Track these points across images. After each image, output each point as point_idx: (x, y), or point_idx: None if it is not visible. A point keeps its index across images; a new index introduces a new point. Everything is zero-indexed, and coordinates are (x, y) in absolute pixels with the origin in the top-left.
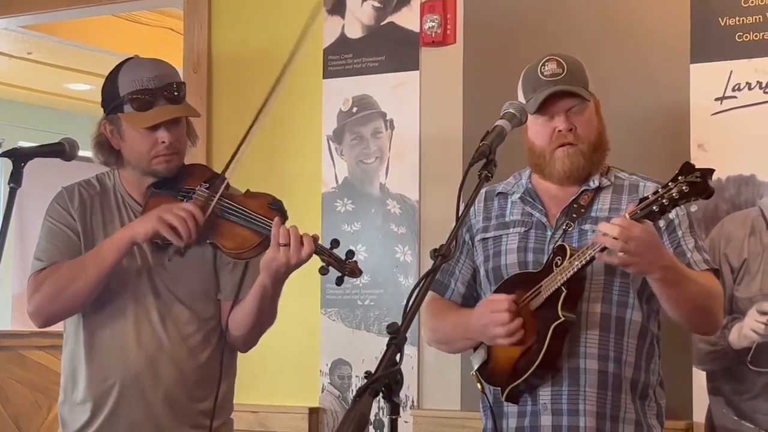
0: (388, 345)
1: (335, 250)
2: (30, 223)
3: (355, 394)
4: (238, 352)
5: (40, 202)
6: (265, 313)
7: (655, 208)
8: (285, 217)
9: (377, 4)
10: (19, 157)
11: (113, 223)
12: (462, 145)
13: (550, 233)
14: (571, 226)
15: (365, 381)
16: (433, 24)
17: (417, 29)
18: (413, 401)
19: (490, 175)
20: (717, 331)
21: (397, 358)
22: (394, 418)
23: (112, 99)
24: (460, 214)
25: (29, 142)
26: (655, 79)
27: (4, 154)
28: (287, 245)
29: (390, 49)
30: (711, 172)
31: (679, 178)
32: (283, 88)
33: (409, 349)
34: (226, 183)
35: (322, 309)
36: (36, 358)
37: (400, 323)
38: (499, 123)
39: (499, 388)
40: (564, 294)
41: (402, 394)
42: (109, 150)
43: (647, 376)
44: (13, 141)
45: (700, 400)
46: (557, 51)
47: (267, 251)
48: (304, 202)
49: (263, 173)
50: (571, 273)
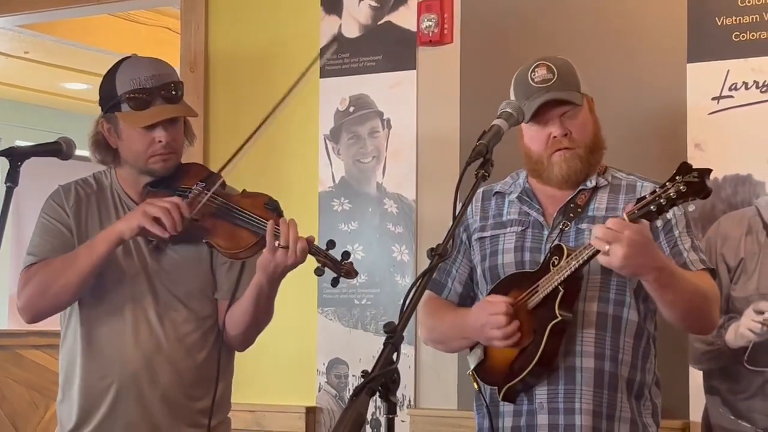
0: (384, 344)
1: (331, 251)
2: (27, 222)
3: (351, 393)
4: (236, 351)
5: (36, 202)
6: (261, 312)
7: (652, 207)
8: (281, 217)
9: (374, 4)
10: (15, 156)
11: (109, 222)
12: (459, 144)
13: (547, 232)
14: (567, 225)
15: (362, 380)
16: (430, 23)
17: (414, 29)
18: (410, 400)
19: (487, 174)
20: (713, 331)
21: (394, 357)
22: (391, 417)
23: (109, 98)
24: (457, 213)
25: (26, 142)
26: (652, 79)
27: (1, 154)
28: (284, 246)
29: (387, 48)
30: (708, 172)
31: (676, 178)
32: (280, 87)
33: (406, 349)
34: (222, 181)
35: (319, 308)
36: (33, 357)
37: (396, 322)
38: (496, 122)
39: (496, 388)
40: (561, 293)
41: (399, 394)
42: (106, 149)
43: (643, 375)
44: (10, 140)
45: (696, 400)
46: (554, 50)
47: (263, 252)
48: (301, 201)
49: (260, 172)
50: (569, 273)
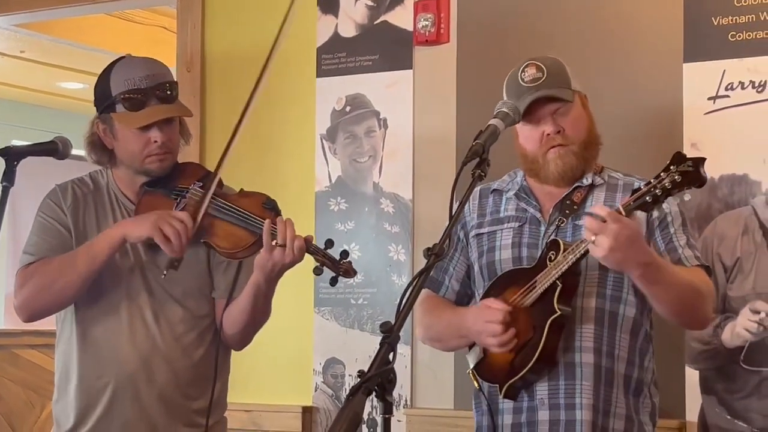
0: (381, 344)
1: (329, 251)
2: (23, 222)
3: (348, 393)
4: (232, 351)
5: (32, 201)
6: (259, 311)
7: (648, 198)
8: (279, 216)
9: (371, 3)
10: (11, 155)
11: (106, 221)
12: (455, 144)
13: (544, 228)
14: (563, 221)
15: (358, 380)
16: (427, 23)
17: (410, 28)
18: (406, 400)
19: (483, 174)
20: (706, 326)
21: (390, 356)
22: (387, 417)
23: (104, 98)
24: (454, 213)
25: (22, 141)
26: (649, 79)
27: None
28: (281, 245)
29: (383, 48)
30: (702, 160)
31: (671, 167)
32: (277, 86)
33: (403, 348)
34: (219, 180)
35: (315, 308)
36: (29, 357)
37: (393, 322)
38: (493, 122)
39: (497, 386)
40: (559, 288)
41: (395, 393)
42: (102, 149)
43: (641, 372)
44: (6, 140)
45: (692, 399)
46: (551, 51)
47: (261, 251)
48: (297, 201)
49: (256, 172)
50: (566, 267)
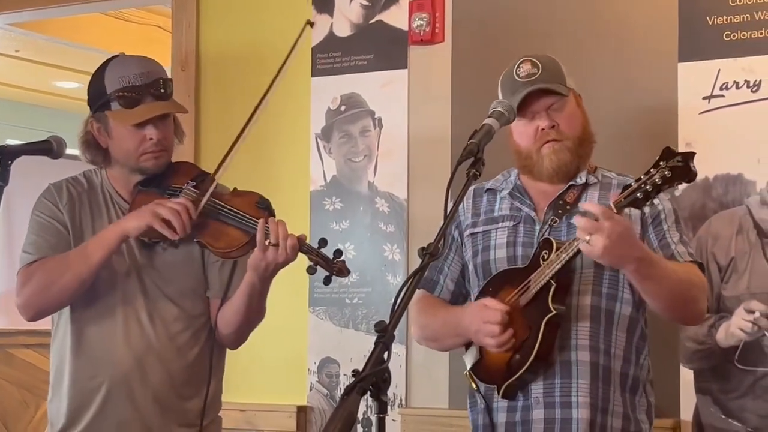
0: (375, 343)
1: (323, 250)
2: (17, 221)
3: (342, 392)
4: (227, 350)
5: (27, 200)
6: (253, 311)
7: (639, 195)
8: (272, 215)
9: (366, 3)
10: (6, 154)
11: (101, 220)
12: (450, 143)
13: (538, 227)
14: (556, 221)
15: (353, 379)
16: (422, 22)
17: (405, 27)
18: (401, 400)
19: (478, 173)
20: (699, 321)
21: (385, 356)
22: (382, 416)
23: (98, 97)
24: (449, 212)
25: (17, 141)
26: (643, 78)
27: None
28: (275, 245)
29: (378, 47)
30: (692, 155)
31: (660, 163)
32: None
33: (398, 348)
34: (213, 179)
35: (310, 307)
36: (23, 356)
37: (387, 322)
38: (487, 121)
39: (494, 386)
40: (554, 287)
41: (390, 393)
42: (96, 148)
43: (637, 370)
44: (1, 139)
45: (687, 399)
46: (546, 50)
47: (254, 251)
48: (292, 200)
49: (251, 171)
50: (559, 266)
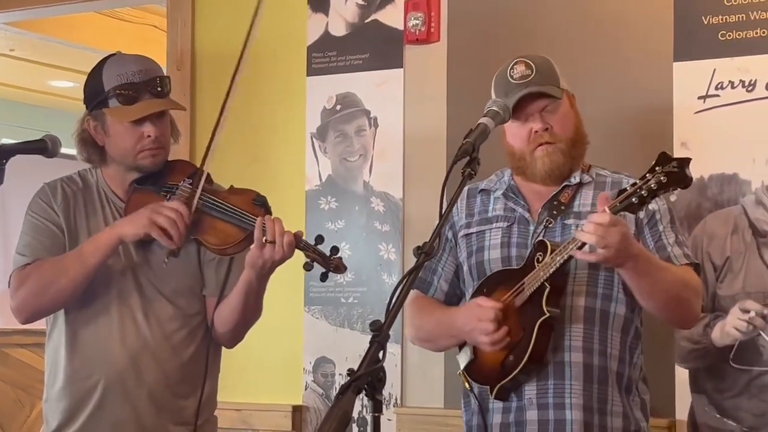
0: (371, 342)
1: (320, 246)
2: (12, 220)
3: (337, 391)
4: (222, 350)
5: (22, 199)
6: (250, 309)
7: (634, 200)
8: (269, 213)
9: (361, 2)
10: (0, 154)
11: (96, 219)
12: (446, 142)
13: (533, 228)
14: (551, 222)
15: (348, 378)
16: (417, 22)
17: (401, 27)
18: (396, 399)
19: (473, 172)
20: (694, 324)
21: (380, 355)
22: (377, 415)
23: (96, 94)
24: (444, 211)
25: (12, 140)
26: (639, 78)
27: None
28: (272, 242)
29: (374, 46)
30: (688, 161)
31: (656, 168)
32: (267, 85)
33: (393, 347)
34: (207, 176)
35: (305, 307)
36: (18, 356)
37: (383, 321)
38: (483, 121)
39: (487, 387)
40: (548, 290)
41: (385, 392)
42: (92, 146)
43: (631, 370)
44: None
45: (682, 398)
46: (541, 49)
47: (252, 248)
48: (287, 199)
49: (246, 170)
50: (554, 269)
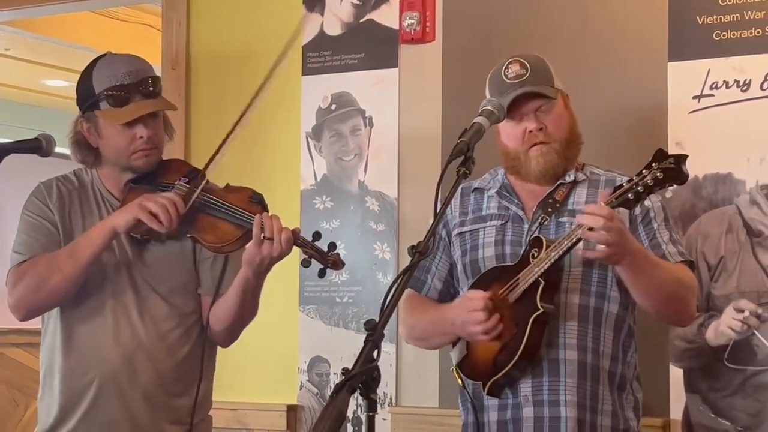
0: (365, 342)
1: (317, 243)
2: (7, 218)
3: (332, 390)
4: (217, 349)
5: (17, 199)
6: (247, 307)
7: (630, 196)
8: (266, 210)
9: (356, 2)
10: None
11: (92, 218)
12: (441, 142)
13: (527, 226)
14: (546, 219)
15: (343, 378)
16: (413, 21)
17: (396, 26)
18: (391, 398)
19: (468, 172)
20: (689, 321)
21: (375, 354)
22: (372, 415)
23: (87, 96)
24: (438, 210)
25: (7, 139)
26: (633, 78)
27: None
28: (270, 239)
29: (369, 46)
30: (684, 157)
31: (652, 165)
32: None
33: (387, 347)
34: (203, 175)
35: (300, 306)
36: (13, 355)
37: (377, 320)
38: (478, 120)
39: (480, 383)
40: (542, 285)
41: (380, 391)
42: (86, 148)
43: (624, 368)
44: None
45: (677, 398)
46: (536, 49)
47: (249, 245)
48: (282, 198)
49: (242, 170)
50: (548, 264)
